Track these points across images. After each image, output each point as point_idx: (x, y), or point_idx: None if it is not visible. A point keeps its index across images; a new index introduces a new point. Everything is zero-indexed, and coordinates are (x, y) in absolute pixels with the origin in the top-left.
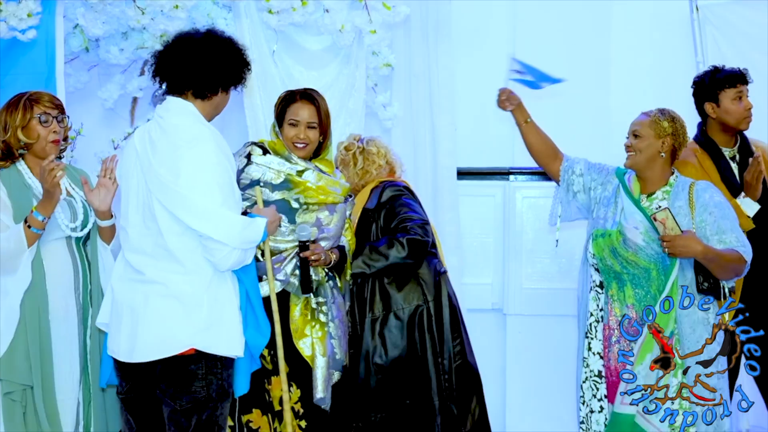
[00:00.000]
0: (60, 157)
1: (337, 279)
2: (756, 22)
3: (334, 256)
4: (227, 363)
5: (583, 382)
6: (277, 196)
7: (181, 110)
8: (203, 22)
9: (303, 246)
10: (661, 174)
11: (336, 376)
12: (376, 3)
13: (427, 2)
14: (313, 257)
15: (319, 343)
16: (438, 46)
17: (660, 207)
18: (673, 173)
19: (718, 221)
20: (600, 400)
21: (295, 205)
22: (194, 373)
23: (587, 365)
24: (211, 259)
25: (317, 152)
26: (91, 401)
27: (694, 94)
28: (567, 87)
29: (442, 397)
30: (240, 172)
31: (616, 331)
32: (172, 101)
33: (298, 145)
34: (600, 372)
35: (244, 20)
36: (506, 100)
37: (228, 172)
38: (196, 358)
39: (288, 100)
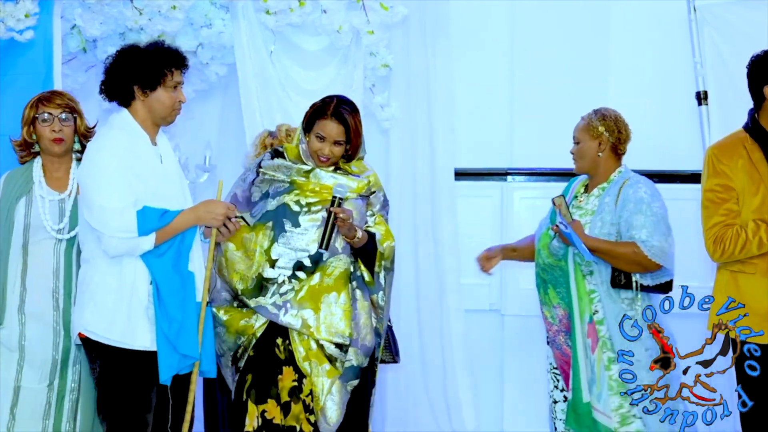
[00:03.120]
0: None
1: (364, 272)
2: (754, 22)
3: (360, 232)
4: (124, 349)
5: (548, 372)
6: (276, 203)
7: (110, 119)
8: (201, 23)
9: (335, 201)
10: (605, 172)
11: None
12: (374, 3)
13: (425, 2)
14: (341, 214)
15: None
16: (436, 47)
17: (580, 201)
18: (618, 169)
19: (632, 216)
20: (562, 390)
21: (295, 207)
22: (90, 355)
23: (548, 357)
24: (101, 246)
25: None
26: (63, 404)
27: (750, 76)
28: (566, 87)
29: None
30: (251, 184)
31: (553, 327)
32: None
33: (321, 159)
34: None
35: (242, 21)
36: (486, 263)
37: (120, 166)
38: (88, 342)
39: (318, 112)
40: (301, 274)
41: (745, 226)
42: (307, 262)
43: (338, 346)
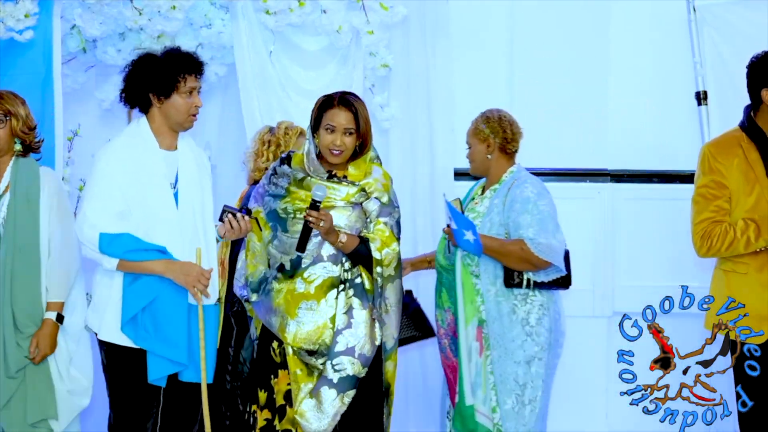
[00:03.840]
0: (23, 155)
1: (366, 279)
2: (754, 22)
3: (343, 237)
4: (119, 345)
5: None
6: (273, 206)
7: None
8: (200, 23)
9: (313, 205)
10: (497, 173)
11: (347, 398)
12: (374, 3)
13: (424, 3)
14: (310, 217)
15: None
16: (436, 47)
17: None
18: (509, 169)
19: (519, 216)
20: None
21: (282, 215)
22: (99, 347)
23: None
24: None
25: (355, 156)
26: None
27: (749, 77)
28: (565, 87)
29: None
30: (267, 180)
31: (441, 330)
32: None
33: (334, 152)
34: None
35: (242, 21)
36: None
37: (113, 174)
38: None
39: (325, 105)
40: (279, 275)
41: (734, 224)
42: (287, 266)
43: (310, 353)
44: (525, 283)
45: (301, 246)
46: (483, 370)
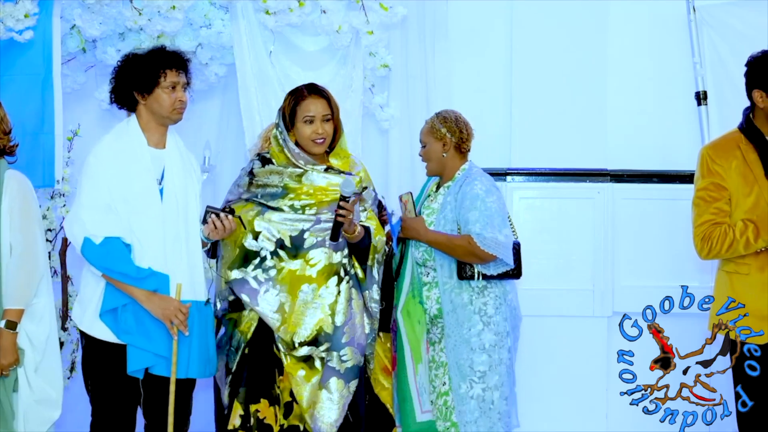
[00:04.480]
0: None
1: (358, 269)
2: (753, 24)
3: (359, 228)
4: (97, 339)
5: None
6: (272, 204)
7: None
8: (200, 23)
9: (343, 198)
10: (451, 170)
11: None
12: (374, 4)
13: (424, 3)
14: (340, 212)
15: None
16: (435, 47)
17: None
18: (462, 167)
19: (467, 213)
20: None
21: (288, 211)
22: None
23: None
24: None
25: (331, 145)
26: None
27: (745, 77)
28: (565, 87)
29: None
30: (245, 189)
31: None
32: None
33: (318, 141)
34: None
35: (241, 21)
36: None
37: (99, 174)
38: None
39: (297, 98)
40: (282, 253)
41: (733, 225)
42: (287, 242)
43: (308, 344)
44: (476, 275)
45: (336, 235)
46: (432, 362)
